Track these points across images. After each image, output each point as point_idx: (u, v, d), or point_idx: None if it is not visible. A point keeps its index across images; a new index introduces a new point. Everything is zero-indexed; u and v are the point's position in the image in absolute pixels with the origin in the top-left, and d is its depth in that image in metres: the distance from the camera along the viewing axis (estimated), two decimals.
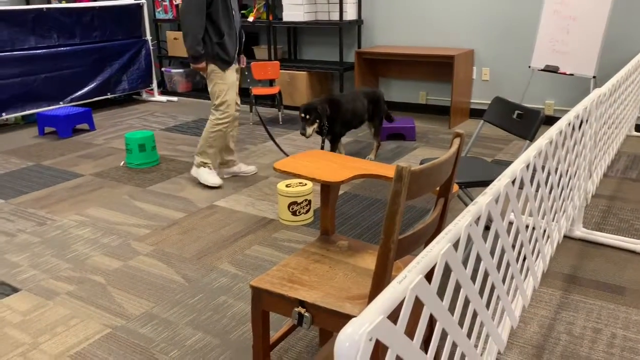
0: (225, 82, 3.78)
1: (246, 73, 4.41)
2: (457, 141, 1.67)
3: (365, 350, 0.89)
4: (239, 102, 4.02)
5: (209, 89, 3.82)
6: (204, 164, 3.97)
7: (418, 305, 1.55)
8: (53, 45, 5.96)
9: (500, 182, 1.54)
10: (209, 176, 3.97)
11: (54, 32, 5.97)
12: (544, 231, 2.41)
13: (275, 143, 4.41)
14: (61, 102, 6.09)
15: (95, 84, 6.40)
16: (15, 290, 2.67)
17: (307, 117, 3.98)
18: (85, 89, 6.32)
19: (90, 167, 4.50)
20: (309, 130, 3.99)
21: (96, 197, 3.85)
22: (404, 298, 1.04)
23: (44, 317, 2.45)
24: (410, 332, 1.17)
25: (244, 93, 7.04)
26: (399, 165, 1.34)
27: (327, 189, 2.04)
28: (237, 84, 3.94)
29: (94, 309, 2.50)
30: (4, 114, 5.58)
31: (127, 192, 3.91)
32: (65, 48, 6.06)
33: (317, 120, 4.01)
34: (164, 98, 7.09)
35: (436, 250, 1.15)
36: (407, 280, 1.03)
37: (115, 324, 2.39)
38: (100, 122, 6.02)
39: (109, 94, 6.57)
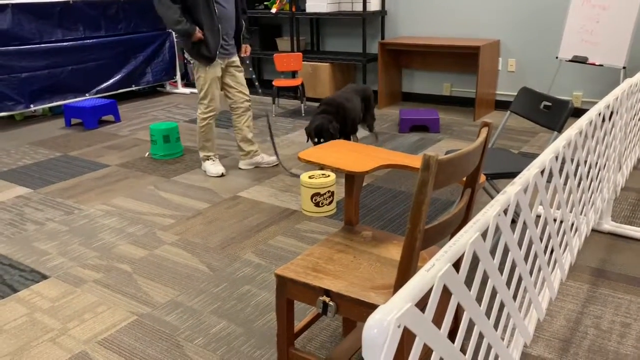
0: (207, 77, 3.80)
1: (247, 62, 4.13)
2: (484, 131, 1.65)
3: (393, 337, 0.88)
4: (245, 92, 4.01)
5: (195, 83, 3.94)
6: (207, 157, 4.09)
7: (444, 297, 1.54)
8: (79, 37, 6.05)
9: (530, 172, 1.52)
10: (211, 167, 4.06)
11: (80, 24, 6.05)
12: (572, 224, 2.37)
13: (273, 143, 4.30)
14: (87, 94, 6.18)
15: (120, 76, 6.48)
16: (44, 277, 2.73)
17: (320, 140, 3.69)
18: (111, 81, 6.40)
19: (116, 157, 4.56)
20: None
21: (122, 187, 3.90)
22: (432, 286, 1.03)
23: (72, 303, 2.50)
24: (437, 322, 1.16)
25: (266, 85, 7.06)
26: (426, 154, 1.33)
27: (352, 179, 2.03)
28: (239, 77, 3.94)
29: (120, 297, 2.54)
30: (32, 106, 5.69)
31: (152, 183, 3.96)
32: (91, 40, 6.14)
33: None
34: (187, 90, 7.15)
35: (464, 239, 1.14)
36: (435, 268, 1.02)
37: (142, 312, 2.42)
38: (125, 113, 6.09)
39: (133, 86, 6.64)
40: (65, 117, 5.64)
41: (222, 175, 4.05)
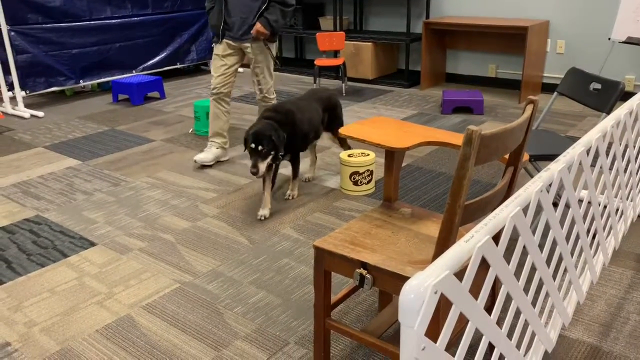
0: (214, 53, 3.81)
1: (262, 44, 3.72)
2: (529, 107, 1.62)
3: (430, 302, 0.90)
4: (261, 83, 3.80)
5: None
6: (210, 140, 3.93)
7: (481, 274, 1.54)
8: (127, 15, 6.18)
9: (575, 150, 1.49)
10: (201, 153, 3.88)
11: (128, 2, 6.17)
12: (617, 208, 2.31)
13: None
14: (134, 71, 6.33)
15: (165, 53, 6.60)
16: (92, 244, 2.85)
17: (260, 148, 2.86)
18: (157, 59, 6.53)
19: (161, 133, 4.68)
20: (262, 166, 2.87)
21: (166, 161, 4.01)
22: (470, 257, 1.03)
23: (118, 270, 2.61)
24: (473, 295, 1.16)
25: (308, 64, 7.05)
26: (469, 128, 1.32)
27: (392, 155, 2.03)
28: (255, 64, 3.73)
29: (164, 265, 2.63)
30: (81, 81, 5.87)
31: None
32: (138, 18, 6.27)
33: (273, 152, 2.92)
34: None
35: (505, 213, 1.13)
36: (474, 239, 1.03)
37: (184, 280, 2.51)
38: (170, 90, 6.21)
39: (178, 63, 6.76)
40: (113, 93, 5.80)
41: (198, 164, 3.87)
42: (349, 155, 3.38)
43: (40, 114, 5.31)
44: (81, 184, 3.64)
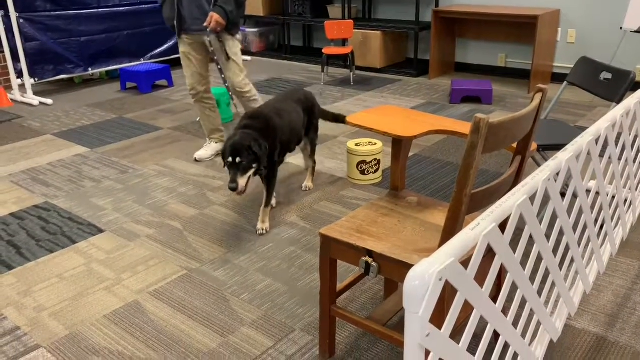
0: (180, 51, 3.58)
1: (210, 36, 3.40)
2: (538, 96, 1.61)
3: (434, 289, 0.90)
4: (229, 78, 3.53)
5: None
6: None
7: (486, 264, 1.54)
8: (135, 2, 6.17)
9: (583, 139, 1.48)
10: (201, 150, 3.84)
11: None
12: (626, 198, 2.30)
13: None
14: (142, 59, 6.33)
15: (173, 41, 6.59)
16: (100, 230, 2.87)
17: (239, 161, 2.55)
18: (164, 47, 6.52)
19: (169, 121, 4.69)
20: (243, 181, 2.56)
21: (174, 149, 4.02)
22: (476, 245, 1.03)
23: (126, 256, 2.63)
24: (479, 284, 1.16)
25: (315, 53, 7.02)
26: (477, 116, 1.31)
27: (399, 144, 2.03)
28: (219, 58, 3.48)
29: (171, 252, 2.65)
30: (90, 69, 5.88)
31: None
32: (146, 6, 6.26)
33: (255, 165, 2.61)
34: None
35: (512, 201, 1.13)
36: (480, 227, 1.03)
37: (191, 267, 2.52)
38: (178, 79, 6.22)
39: None
40: (121, 81, 5.81)
41: (195, 160, 3.77)
42: (356, 145, 3.37)
43: (49, 101, 5.33)
44: (89, 171, 3.66)
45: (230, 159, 2.55)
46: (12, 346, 2.04)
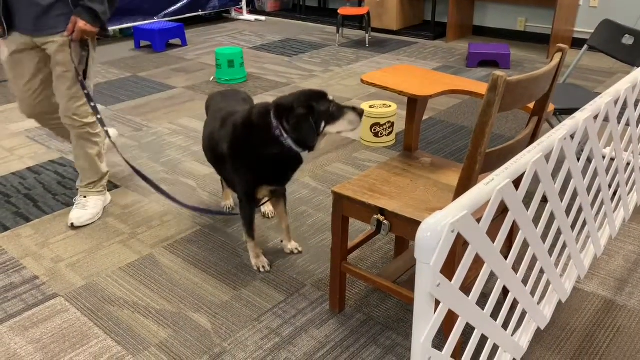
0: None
1: (73, 51, 2.33)
2: (558, 56, 1.58)
3: (446, 240, 0.91)
4: (63, 101, 2.39)
5: None
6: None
7: (496, 225, 1.54)
8: None
9: (602, 100, 1.46)
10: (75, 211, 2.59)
11: None
12: None
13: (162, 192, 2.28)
14: (155, 17, 6.27)
15: (187, 0, 6.51)
16: (115, 186, 2.91)
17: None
18: (178, 5, 6.45)
19: (183, 80, 4.68)
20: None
21: (188, 108, 4.02)
22: (489, 200, 1.04)
23: (141, 211, 2.66)
24: (491, 239, 1.17)
25: (331, 13, 6.90)
26: (495, 74, 1.30)
27: (414, 103, 2.01)
28: (58, 74, 2.35)
29: (185, 209, 2.68)
30: None
31: None
32: None
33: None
34: (252, 17, 7.12)
35: (527, 158, 1.13)
36: (494, 182, 1.03)
37: (205, 223, 2.56)
38: (191, 38, 6.17)
39: (200, 10, 6.68)
40: (135, 39, 5.78)
41: (72, 225, 2.55)
42: (370, 107, 3.35)
43: None
44: None
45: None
46: (31, 294, 2.10)
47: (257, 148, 1.98)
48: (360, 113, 1.98)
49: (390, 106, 3.35)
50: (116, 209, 2.69)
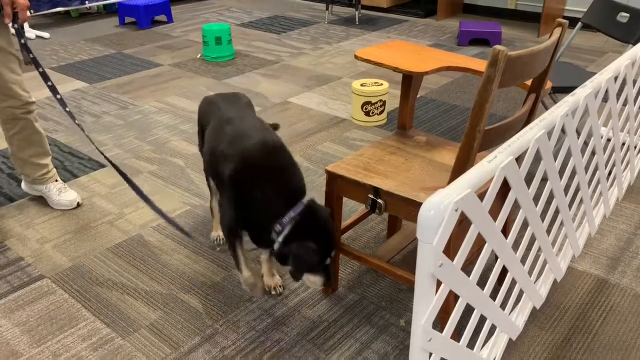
0: None
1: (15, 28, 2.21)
2: (557, 31, 1.55)
3: (450, 219, 0.88)
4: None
5: None
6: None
7: (495, 204, 1.52)
8: None
9: (602, 77, 1.43)
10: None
11: None
12: (637, 144, 2.26)
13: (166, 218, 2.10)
14: None
15: None
16: (102, 166, 2.84)
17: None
18: None
19: (169, 57, 4.57)
20: None
21: (174, 86, 3.94)
22: (492, 178, 1.01)
23: (128, 191, 2.61)
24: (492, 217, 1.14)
25: None
26: (496, 48, 1.26)
27: (409, 80, 1.97)
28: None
29: (174, 188, 2.63)
30: (87, 2, 5.69)
31: (204, 84, 3.97)
32: None
33: None
34: None
35: (530, 135, 1.09)
36: (497, 159, 1.00)
37: (194, 203, 2.51)
38: (177, 14, 6.03)
39: None
40: (119, 16, 5.63)
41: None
42: (361, 85, 3.30)
43: (46, 35, 5.19)
44: (89, 106, 3.60)
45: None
46: (16, 276, 2.05)
47: (254, 202, 1.67)
48: (325, 284, 1.69)
49: (381, 84, 3.30)
50: (103, 189, 2.63)
